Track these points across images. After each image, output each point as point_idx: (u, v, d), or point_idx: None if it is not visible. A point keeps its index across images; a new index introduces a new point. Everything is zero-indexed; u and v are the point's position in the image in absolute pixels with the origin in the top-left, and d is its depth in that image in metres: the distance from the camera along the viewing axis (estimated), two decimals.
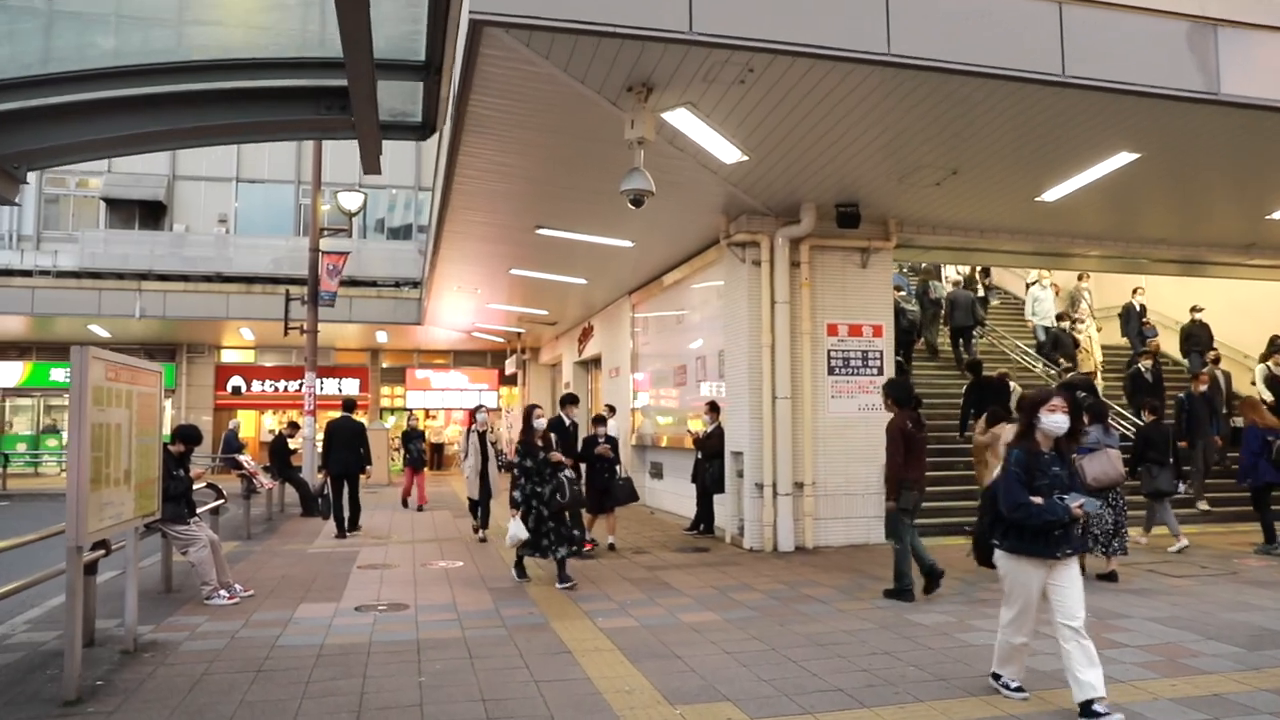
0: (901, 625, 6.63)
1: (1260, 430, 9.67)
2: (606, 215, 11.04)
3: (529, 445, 8.44)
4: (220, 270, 23.49)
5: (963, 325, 15.64)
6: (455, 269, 15.21)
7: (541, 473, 8.35)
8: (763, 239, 10.29)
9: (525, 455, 8.39)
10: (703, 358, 12.62)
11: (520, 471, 8.35)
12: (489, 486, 11.23)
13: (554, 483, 8.38)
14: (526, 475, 8.32)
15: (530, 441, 8.45)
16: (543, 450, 8.45)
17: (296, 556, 10.28)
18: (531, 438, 8.49)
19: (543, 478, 8.33)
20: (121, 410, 5.38)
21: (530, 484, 8.30)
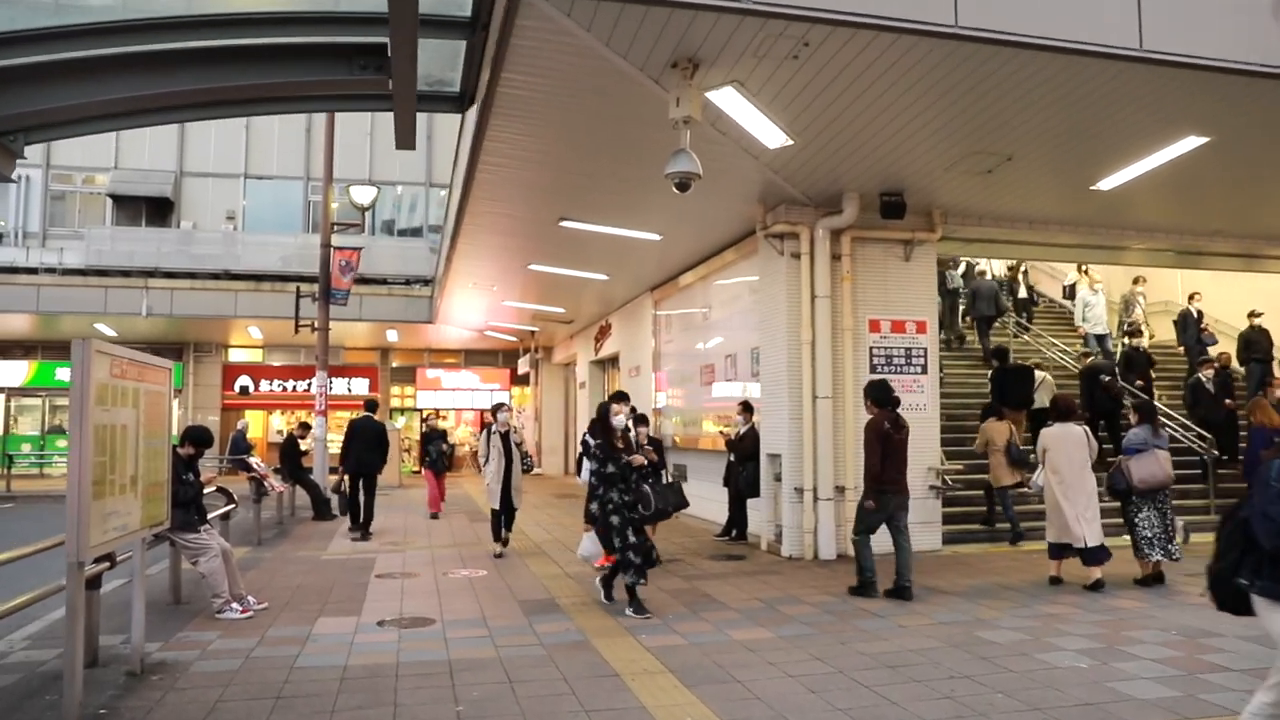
0: (973, 643, 6.10)
1: (1268, 430, 9.29)
2: (635, 206, 10.54)
3: (609, 448, 7.29)
4: (228, 268, 23.01)
5: (985, 315, 15.20)
6: (472, 265, 14.71)
7: (626, 479, 7.25)
8: (802, 230, 9.77)
9: (605, 460, 7.25)
10: (732, 355, 12.10)
11: (599, 479, 7.24)
12: (511, 494, 10.11)
13: (636, 493, 7.28)
14: (606, 483, 7.20)
15: (609, 444, 7.31)
16: (624, 453, 7.33)
17: (311, 564, 9.78)
18: (611, 439, 7.36)
19: (629, 486, 7.24)
20: (128, 410, 4.88)
21: (610, 494, 7.20)
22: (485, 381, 27.25)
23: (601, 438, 7.33)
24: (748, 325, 11.48)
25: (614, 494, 7.19)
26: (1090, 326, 14.98)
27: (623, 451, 7.33)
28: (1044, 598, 7.62)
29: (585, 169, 9.30)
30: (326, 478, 15.33)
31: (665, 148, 8.35)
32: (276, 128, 26.24)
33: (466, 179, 9.98)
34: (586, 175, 9.49)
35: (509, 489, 10.09)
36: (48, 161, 24.84)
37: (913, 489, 9.85)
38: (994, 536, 10.66)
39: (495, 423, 10.40)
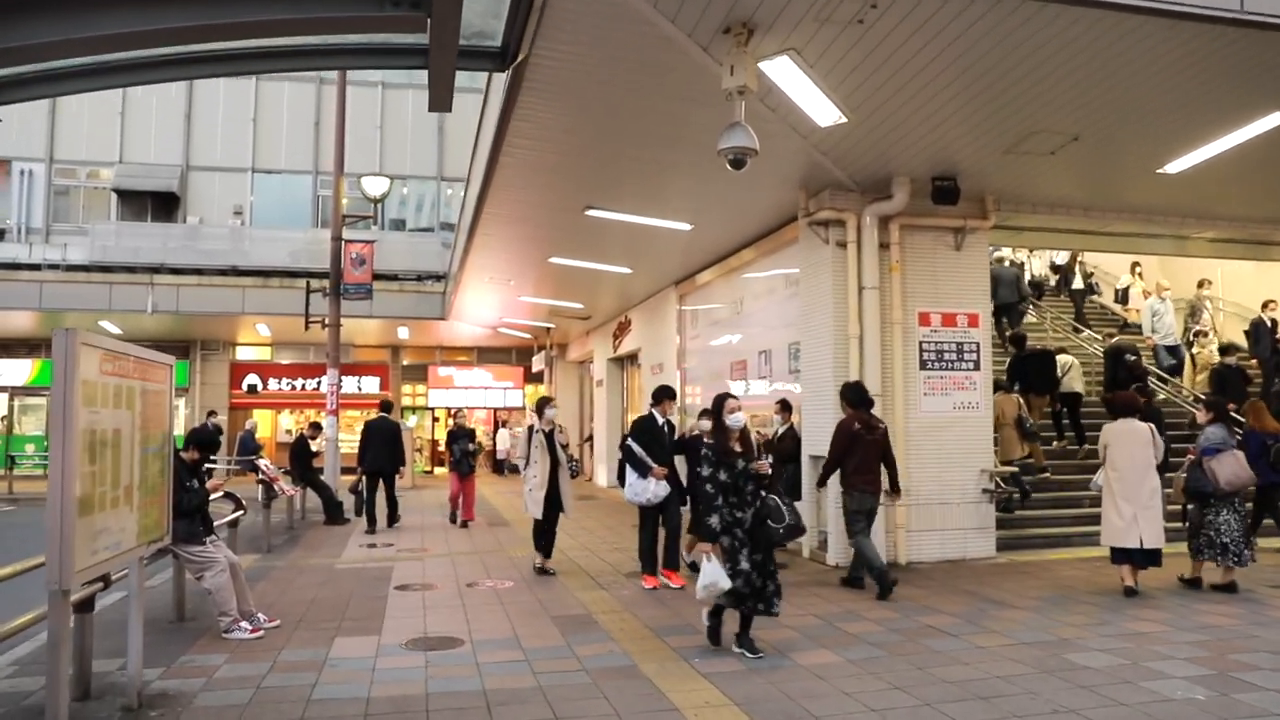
0: (1065, 669, 5.46)
1: (1260, 434, 8.98)
2: (666, 194, 9.93)
3: (723, 450, 5.84)
4: (236, 264, 22.46)
5: (1007, 302, 14.54)
6: (489, 258, 14.10)
7: (741, 491, 5.79)
8: (849, 217, 9.13)
9: (719, 464, 5.76)
10: (766, 352, 11.47)
11: (714, 487, 5.73)
12: (559, 501, 8.88)
13: (759, 505, 5.82)
14: (722, 493, 5.74)
15: (724, 446, 5.85)
16: (742, 458, 5.86)
17: (324, 573, 9.18)
18: (725, 440, 5.89)
19: (742, 498, 5.79)
20: (123, 413, 4.27)
21: (728, 507, 5.75)
22: (498, 380, 26.66)
23: (715, 437, 5.98)
24: (784, 319, 10.85)
25: (730, 507, 5.77)
26: (1160, 338, 13.93)
27: (740, 455, 5.89)
28: (1123, 611, 6.99)
29: (617, 152, 8.67)
30: (338, 479, 14.75)
31: (705, 128, 7.74)
32: (285, 120, 25.71)
33: (489, 164, 9.37)
34: (618, 159, 8.87)
35: (557, 495, 8.85)
36: (51, 156, 24.31)
37: (964, 492, 9.35)
38: (1051, 541, 10.03)
39: (539, 420, 9.14)
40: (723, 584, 5.50)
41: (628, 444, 7.98)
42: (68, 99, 24.43)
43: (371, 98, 25.91)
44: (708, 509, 5.72)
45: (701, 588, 5.58)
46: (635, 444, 7.95)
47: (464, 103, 26.62)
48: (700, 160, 8.62)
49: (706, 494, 5.73)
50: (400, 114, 26.39)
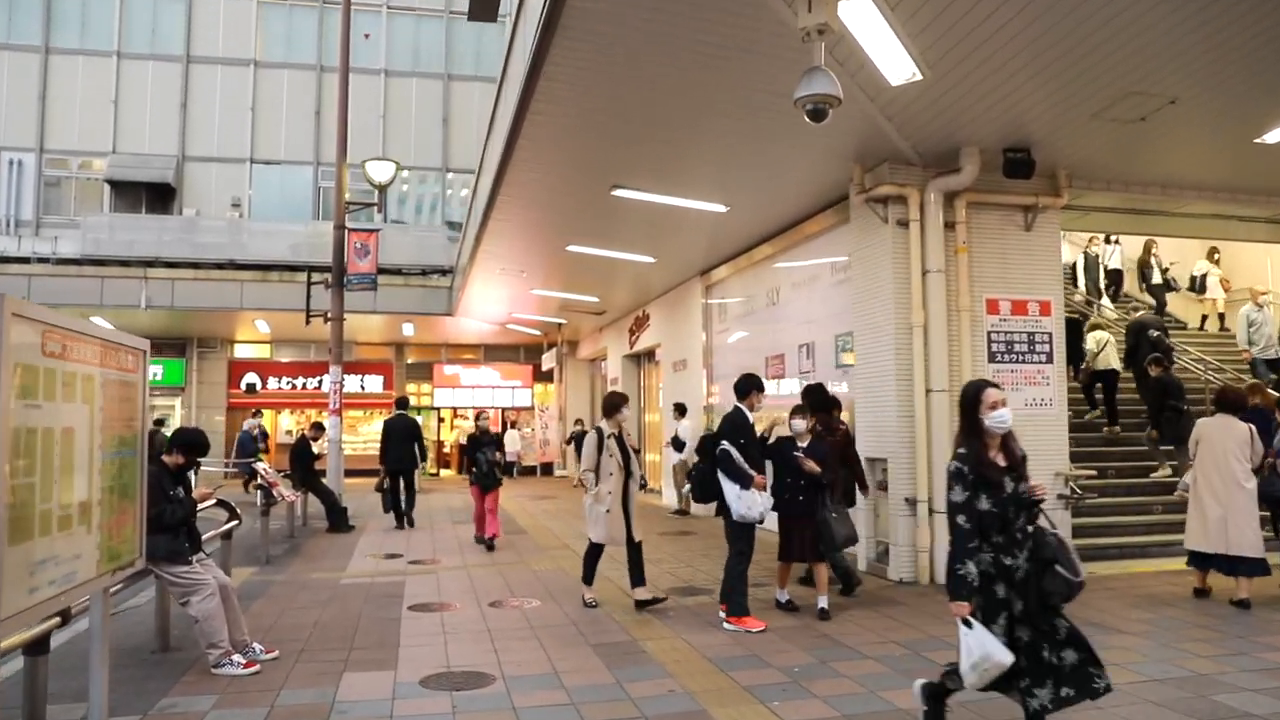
0: (1223, 715, 4.54)
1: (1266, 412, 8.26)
2: (702, 171, 9.02)
3: (984, 465, 3.94)
4: (233, 257, 21.51)
5: None
6: (502, 246, 13.17)
7: (1009, 526, 3.90)
8: (911, 193, 8.21)
9: (977, 486, 3.90)
10: (808, 345, 10.55)
11: (970, 520, 3.86)
12: (632, 524, 7.29)
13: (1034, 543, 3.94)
14: (981, 526, 3.87)
15: (984, 459, 3.95)
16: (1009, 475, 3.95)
17: (328, 590, 8.26)
18: (982, 449, 3.99)
19: (1011, 537, 3.89)
20: (77, 407, 3.36)
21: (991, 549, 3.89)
22: (506, 378, 25.72)
23: (967, 446, 4.02)
24: (830, 309, 9.95)
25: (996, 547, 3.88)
26: (1259, 350, 12.58)
27: (1007, 472, 3.96)
28: (1253, 638, 6.07)
29: (654, 115, 7.71)
30: (341, 483, 13.82)
31: (757, 85, 6.89)
32: (284, 109, 24.79)
33: (511, 135, 8.44)
34: (653, 125, 7.91)
35: (629, 515, 7.28)
36: (41, 145, 23.39)
37: None
38: (1127, 552, 9.12)
39: (607, 422, 7.45)
40: (1001, 658, 3.70)
41: (724, 449, 6.55)
42: (60, 86, 23.55)
43: (374, 86, 25.00)
44: (960, 552, 3.83)
45: (969, 667, 3.76)
46: (733, 448, 6.58)
47: (470, 92, 25.74)
48: (747, 127, 7.74)
49: (959, 530, 3.86)
50: (404, 103, 25.48)
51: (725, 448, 6.48)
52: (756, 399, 6.81)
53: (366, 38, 24.54)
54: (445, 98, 25.73)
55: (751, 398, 6.80)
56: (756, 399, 6.81)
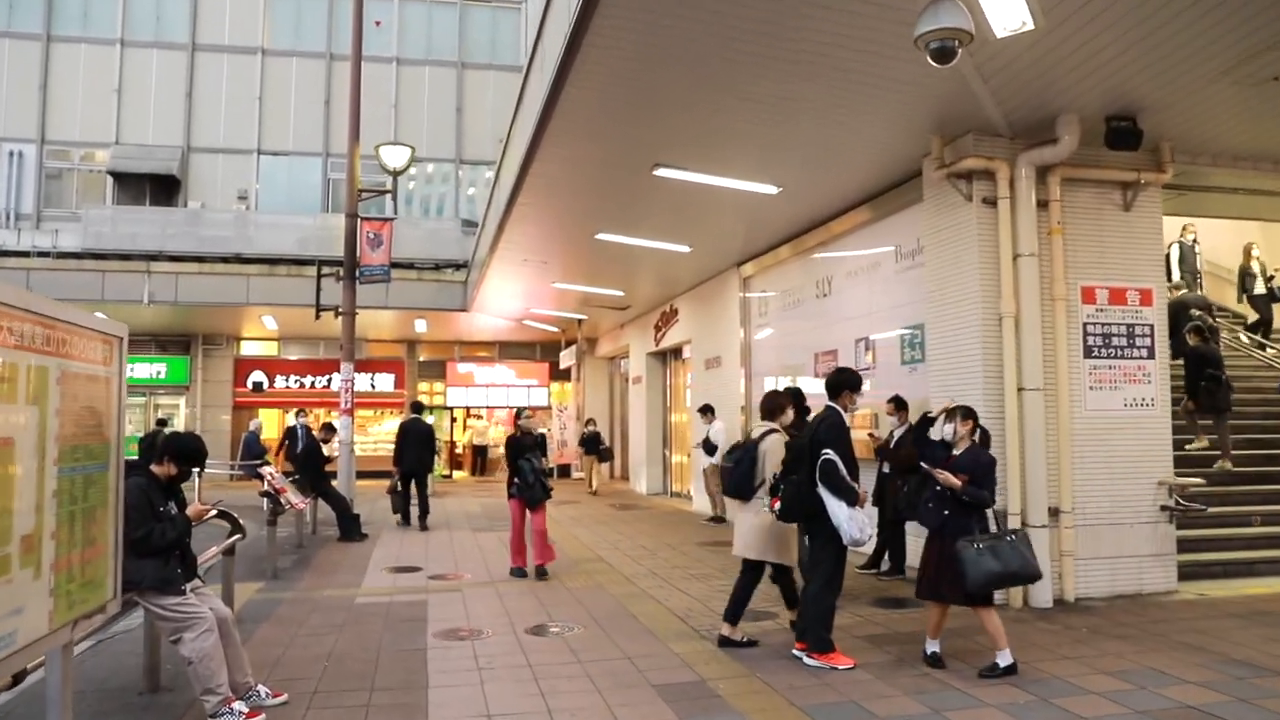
0: None
1: None
2: (755, 147, 8.13)
3: None
4: (240, 251, 20.65)
5: None
6: (527, 235, 12.26)
7: None
8: (999, 167, 7.28)
9: None
10: (866, 340, 9.63)
11: None
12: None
13: None
14: None
15: None
16: None
17: (342, 610, 7.37)
18: None
19: None
20: (15, 410, 2.46)
21: None
22: (521, 377, 24.82)
23: None
24: (895, 299, 9.04)
25: None
26: None
27: None
28: None
29: (708, 79, 6.80)
30: (353, 487, 12.95)
31: (830, 42, 5.99)
32: (292, 98, 23.94)
33: (544, 112, 7.56)
34: (706, 91, 7.00)
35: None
36: (42, 136, 22.57)
37: (1139, 510, 7.49)
38: (1232, 569, 8.17)
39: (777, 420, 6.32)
40: None
41: (828, 459, 5.50)
42: (61, 75, 22.73)
43: (385, 75, 24.12)
44: None
45: None
46: (836, 456, 5.52)
47: (484, 81, 24.85)
48: (810, 92, 6.83)
49: None
50: (416, 92, 24.60)
51: (830, 457, 5.49)
52: (850, 398, 5.84)
53: (378, 25, 23.66)
54: (459, 87, 24.84)
55: (844, 396, 5.81)
56: (850, 398, 5.84)
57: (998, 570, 5.21)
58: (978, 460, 5.56)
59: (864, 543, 5.55)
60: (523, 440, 9.19)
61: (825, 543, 5.64)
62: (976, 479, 5.46)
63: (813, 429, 5.76)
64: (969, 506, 5.44)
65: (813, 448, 5.65)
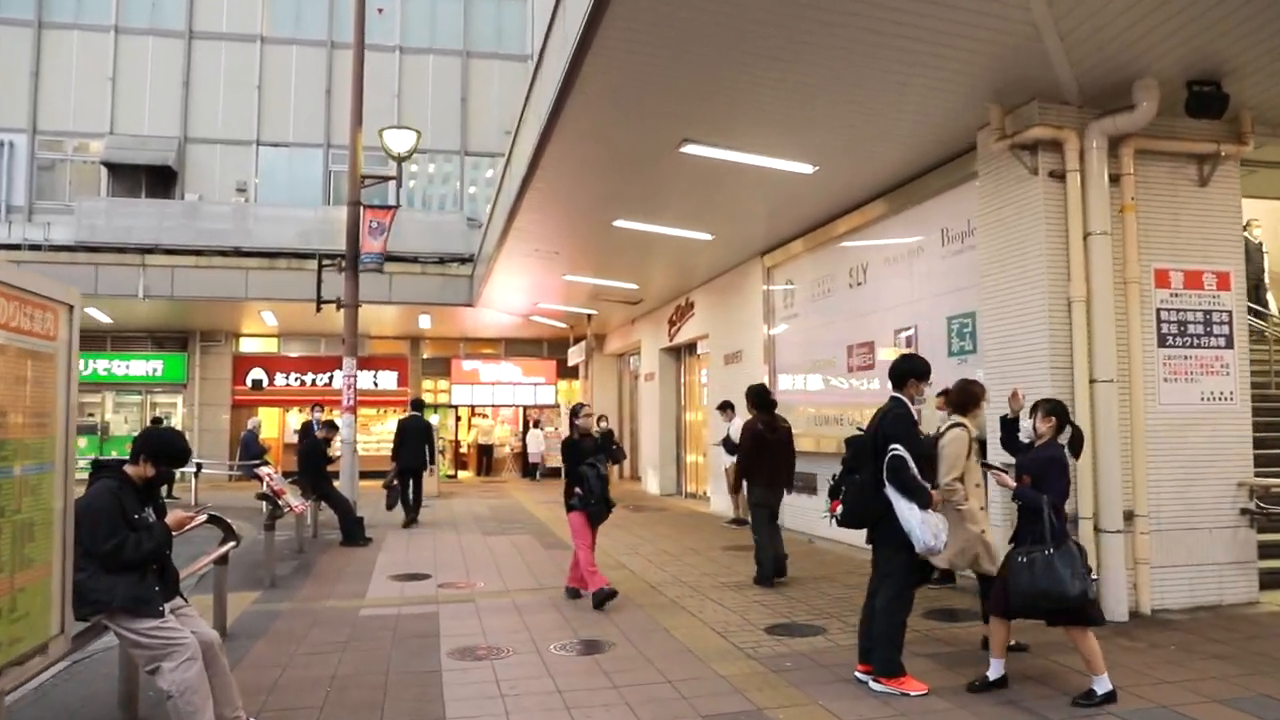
0: None
1: None
2: (791, 122, 7.48)
3: None
4: (239, 245, 19.97)
5: None
6: (540, 223, 11.60)
7: None
8: (1068, 137, 6.61)
9: None
10: (908, 330, 8.97)
11: None
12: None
13: None
14: None
15: None
16: None
17: (346, 625, 6.72)
18: None
19: None
20: None
21: None
22: (528, 375, 24.17)
23: None
24: (940, 286, 8.40)
25: None
26: None
27: None
28: None
29: (742, 51, 6.16)
30: (356, 488, 12.30)
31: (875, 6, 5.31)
32: (293, 88, 23.28)
33: (570, 70, 6.88)
34: (739, 63, 6.36)
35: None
36: (34, 127, 21.91)
37: (1217, 515, 6.83)
38: None
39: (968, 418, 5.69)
40: None
41: (897, 454, 4.81)
42: (54, 63, 22.08)
43: (388, 64, 23.45)
44: None
45: None
46: (907, 453, 4.84)
47: (490, 71, 24.17)
48: (857, 54, 6.17)
49: None
50: (419, 82, 23.93)
51: (899, 453, 4.82)
52: (917, 387, 5.17)
53: (380, 12, 22.97)
54: (464, 76, 24.17)
55: (911, 386, 5.14)
56: (917, 387, 5.17)
57: (1024, 587, 4.64)
58: (1041, 456, 4.95)
59: (939, 550, 4.88)
60: (582, 443, 7.56)
61: (894, 551, 4.98)
62: (1037, 478, 4.86)
63: (876, 422, 5.11)
64: (1035, 510, 4.79)
65: (877, 443, 5.01)
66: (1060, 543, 4.69)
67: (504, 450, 24.78)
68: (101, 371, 22.26)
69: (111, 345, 22.48)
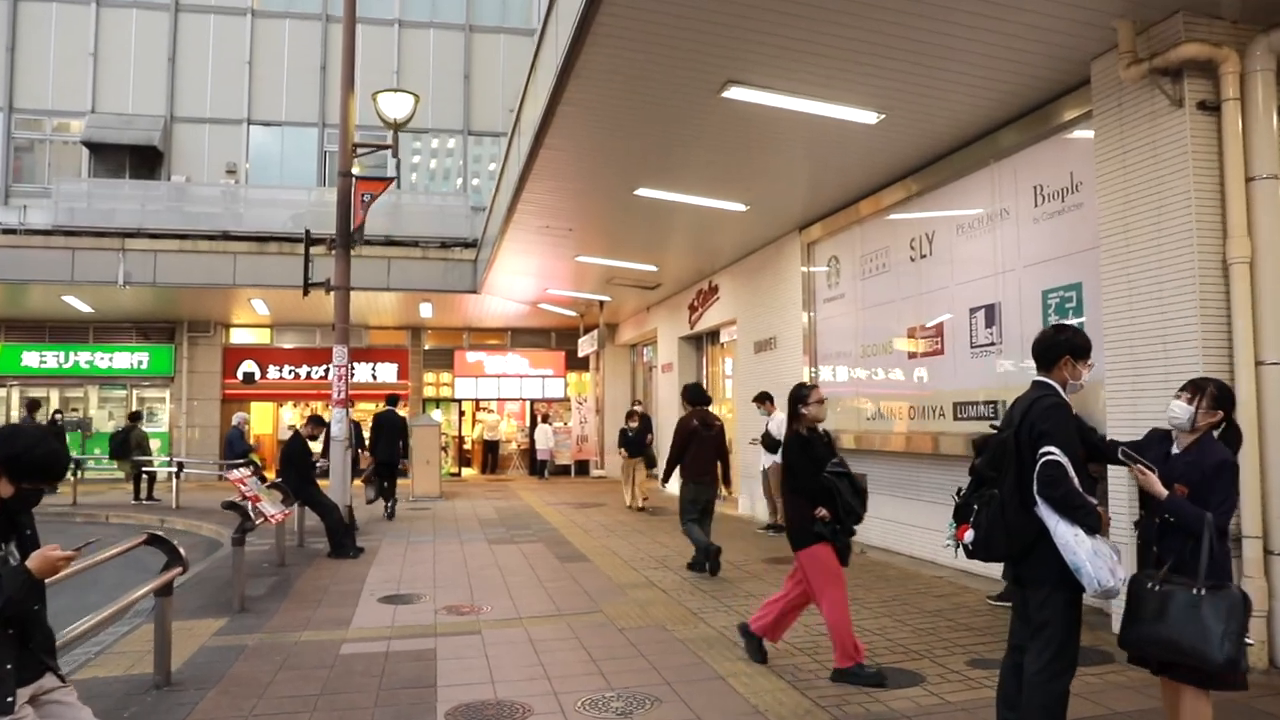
0: None
1: None
2: (861, 51, 6.12)
3: None
4: (228, 229, 18.69)
5: None
6: (555, 191, 10.26)
7: None
8: (1226, 57, 5.27)
9: None
10: (989, 308, 7.64)
11: None
12: None
13: None
14: None
15: None
16: None
17: (323, 665, 5.43)
18: None
19: None
20: None
21: None
22: (535, 367, 22.86)
23: None
24: (1034, 253, 7.08)
25: None
26: None
27: None
28: None
29: None
30: (349, 493, 10.99)
31: None
32: (285, 64, 21.99)
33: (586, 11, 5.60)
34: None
35: None
36: (10, 104, 20.68)
37: None
38: None
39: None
40: None
41: (1052, 459, 3.50)
42: (31, 38, 20.81)
43: (386, 38, 22.20)
44: None
45: None
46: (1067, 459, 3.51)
47: (494, 45, 22.78)
48: None
49: None
50: (420, 58, 22.62)
51: (1054, 458, 3.49)
52: (1073, 368, 3.80)
53: None
54: (467, 51, 22.86)
55: (1064, 366, 3.77)
56: (1073, 368, 3.80)
57: (1146, 629, 3.41)
58: (1203, 460, 3.54)
59: (1116, 591, 3.52)
60: (815, 442, 5.22)
61: (1051, 593, 3.62)
62: (1197, 488, 3.50)
63: (1018, 416, 3.76)
64: (1188, 530, 3.46)
65: (1020, 445, 3.67)
66: (1219, 582, 3.35)
67: (510, 447, 23.50)
68: (83, 365, 21.01)
69: (94, 336, 21.23)
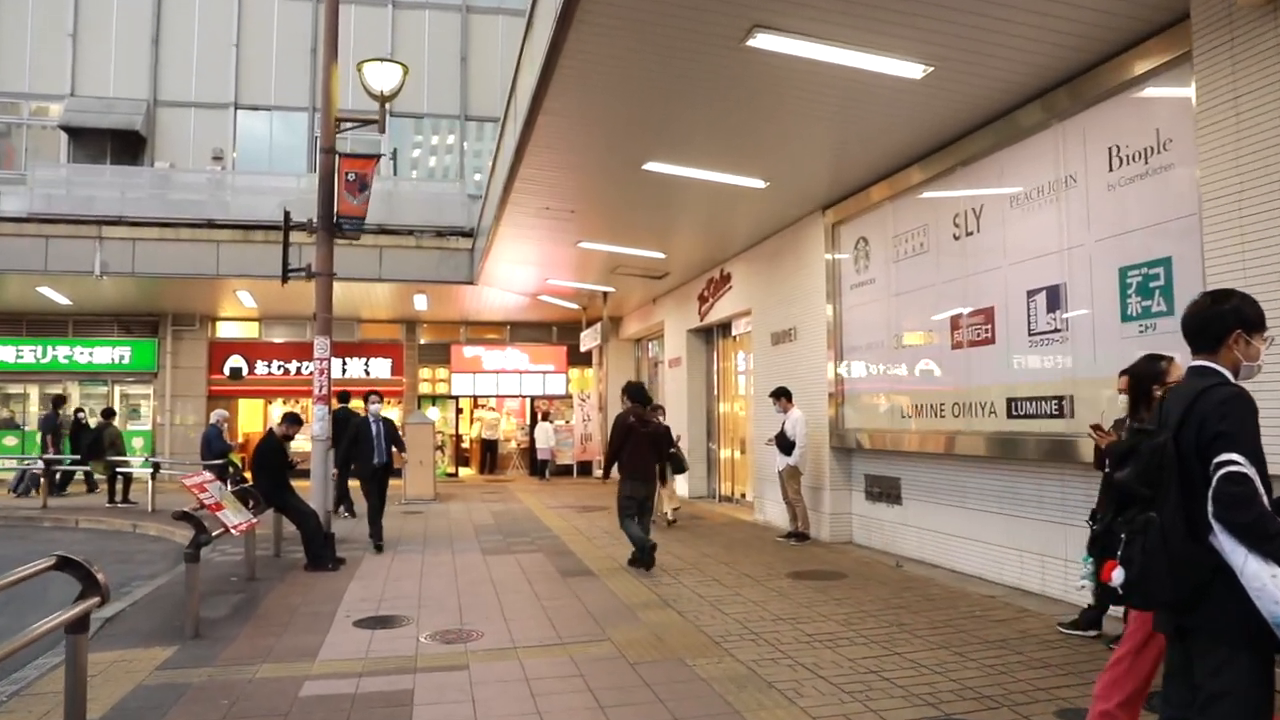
0: None
1: None
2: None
3: None
4: (214, 217, 17.73)
5: None
6: (556, 164, 9.32)
7: None
8: None
9: None
10: (1050, 290, 6.70)
11: None
12: None
13: None
14: None
15: None
16: None
17: (275, 714, 4.49)
18: None
19: None
20: None
21: None
22: (535, 362, 21.93)
23: None
24: (1104, 228, 6.15)
25: None
26: None
27: None
28: None
29: None
30: (329, 500, 10.03)
31: None
32: (275, 46, 21.04)
33: None
34: None
35: None
36: None
37: None
38: None
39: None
40: None
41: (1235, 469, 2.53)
42: (7, 17, 19.87)
43: (379, 19, 21.27)
44: None
45: None
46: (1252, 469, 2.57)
47: (492, 27, 21.77)
48: None
49: None
50: (414, 40, 21.66)
51: (1239, 468, 2.55)
52: (1245, 346, 2.84)
53: None
54: (463, 33, 21.89)
55: (1235, 345, 2.82)
56: (1245, 346, 2.84)
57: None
58: None
59: None
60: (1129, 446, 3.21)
61: (1231, 655, 2.68)
62: None
63: (1177, 415, 2.81)
64: None
65: (1184, 452, 2.73)
66: None
67: (510, 446, 22.58)
68: (62, 359, 20.09)
69: (73, 330, 20.31)
